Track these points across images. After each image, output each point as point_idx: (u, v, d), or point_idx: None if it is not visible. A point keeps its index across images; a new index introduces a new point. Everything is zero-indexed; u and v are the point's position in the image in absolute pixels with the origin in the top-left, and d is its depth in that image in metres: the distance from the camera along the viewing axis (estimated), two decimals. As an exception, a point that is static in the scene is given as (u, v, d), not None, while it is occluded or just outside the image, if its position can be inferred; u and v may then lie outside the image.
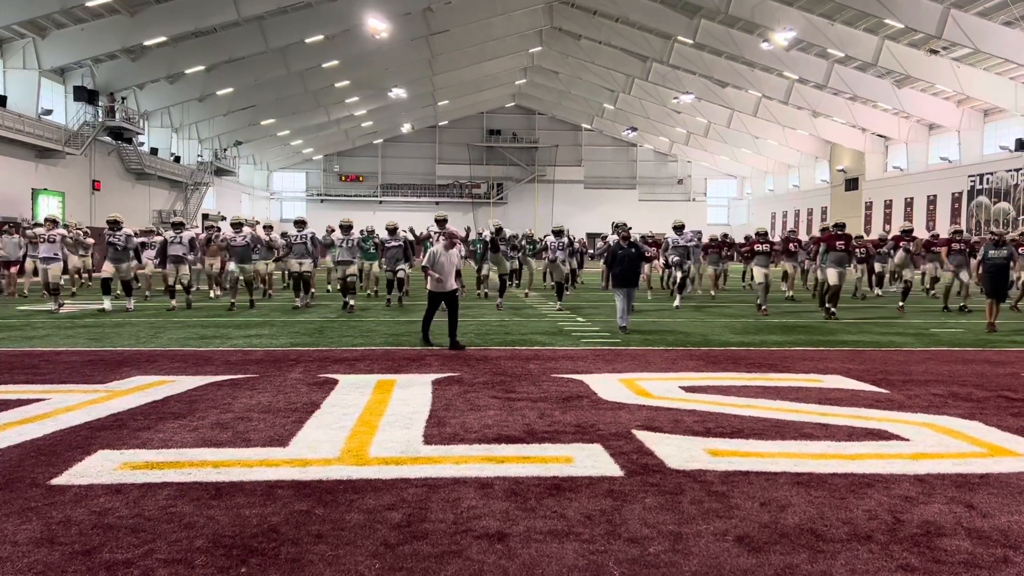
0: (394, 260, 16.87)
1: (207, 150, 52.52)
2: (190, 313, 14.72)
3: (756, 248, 16.16)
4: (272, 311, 15.28)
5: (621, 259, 12.08)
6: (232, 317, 14.04)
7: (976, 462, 4.96)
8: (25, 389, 7.16)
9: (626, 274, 12.07)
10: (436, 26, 42.12)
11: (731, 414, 6.28)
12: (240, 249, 15.88)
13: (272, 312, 15.09)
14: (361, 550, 3.47)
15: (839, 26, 36.14)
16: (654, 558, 3.41)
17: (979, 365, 9.09)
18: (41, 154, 33.42)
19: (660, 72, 49.02)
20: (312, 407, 6.42)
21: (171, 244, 15.86)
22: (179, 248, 15.85)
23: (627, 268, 12.07)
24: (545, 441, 5.39)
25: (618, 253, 12.12)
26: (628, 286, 12.13)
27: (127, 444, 5.22)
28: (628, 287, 12.13)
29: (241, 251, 15.90)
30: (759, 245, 16.16)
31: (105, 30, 33.19)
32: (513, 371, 8.37)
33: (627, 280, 12.09)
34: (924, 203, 45.91)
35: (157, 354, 9.57)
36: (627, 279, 12.10)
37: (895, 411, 6.46)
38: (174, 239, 15.90)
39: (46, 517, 3.83)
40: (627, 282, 12.10)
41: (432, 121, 69.42)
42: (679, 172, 74.58)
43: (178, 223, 16.52)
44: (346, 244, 16.22)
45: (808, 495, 4.26)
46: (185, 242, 15.97)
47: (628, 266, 12.07)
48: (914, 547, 3.56)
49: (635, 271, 12.23)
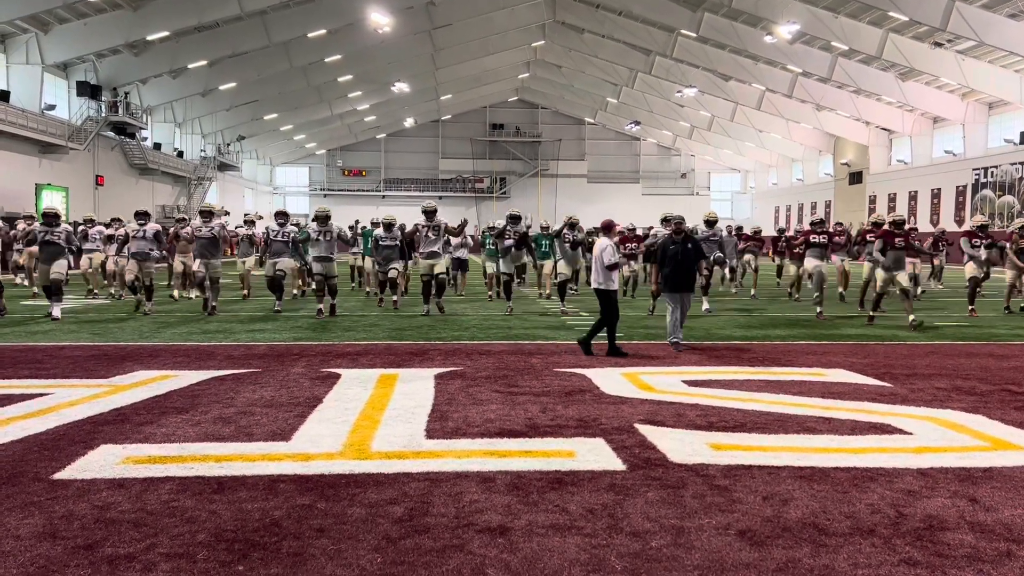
0: (388, 259, 14.51)
1: (210, 145, 52.61)
2: (192, 306, 14.65)
3: (812, 239, 14.19)
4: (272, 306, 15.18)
5: (673, 257, 10.00)
6: (235, 312, 14.04)
7: (979, 456, 4.95)
8: (28, 384, 7.17)
9: (679, 276, 9.97)
10: (439, 20, 42.09)
11: (734, 408, 6.27)
12: (204, 242, 13.56)
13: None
14: (363, 544, 3.47)
15: (843, 19, 36.03)
16: (656, 552, 3.41)
17: (983, 359, 9.06)
18: (44, 149, 33.47)
19: (663, 66, 48.93)
20: (315, 401, 6.42)
21: (134, 238, 13.77)
22: (143, 243, 13.71)
23: (681, 269, 9.97)
24: (547, 435, 5.39)
25: (669, 249, 10.06)
26: (682, 291, 9.97)
27: (130, 439, 5.23)
28: (682, 292, 9.98)
29: (205, 245, 13.56)
30: (815, 236, 14.22)
31: (108, 25, 33.24)
32: (516, 365, 8.37)
33: (680, 283, 9.96)
34: (928, 197, 45.80)
35: (160, 349, 9.58)
36: (681, 282, 9.97)
37: (898, 405, 6.44)
38: (137, 232, 13.76)
39: (49, 511, 3.84)
40: (680, 285, 9.95)
41: (435, 115, 69.42)
42: (682, 166, 74.52)
43: (142, 212, 14.19)
44: (324, 238, 13.49)
45: (811, 489, 4.26)
46: (150, 236, 13.80)
47: (682, 266, 9.99)
48: (917, 541, 3.55)
49: (691, 272, 10.05)
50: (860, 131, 51.31)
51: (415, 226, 13.68)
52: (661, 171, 74.30)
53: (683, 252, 9.96)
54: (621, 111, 65.11)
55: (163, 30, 34.70)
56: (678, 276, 9.95)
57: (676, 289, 9.97)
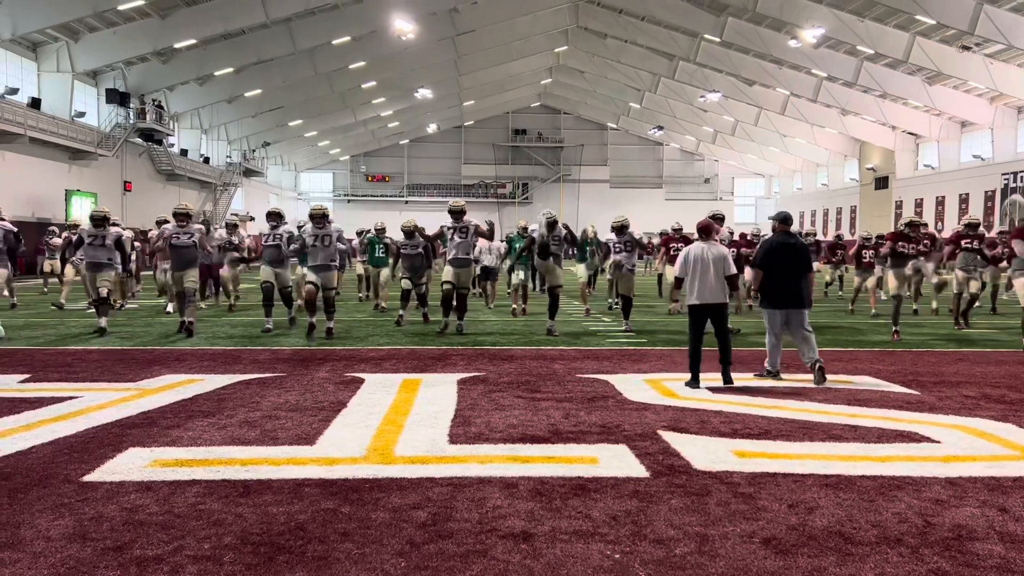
0: (415, 270, 13.15)
1: (236, 151, 53.15)
2: (217, 312, 14.76)
3: (898, 248, 11.71)
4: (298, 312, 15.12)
5: (776, 256, 7.78)
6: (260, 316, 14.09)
7: (1009, 465, 4.88)
8: (58, 387, 7.28)
9: (784, 286, 7.71)
10: (462, 26, 42.27)
11: (758, 415, 6.23)
12: (181, 251, 11.58)
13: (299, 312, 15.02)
14: (387, 549, 3.49)
15: (869, 23, 35.71)
16: (680, 559, 3.39)
17: (1012, 366, 8.93)
18: (74, 155, 33.99)
19: (687, 70, 48.77)
20: (339, 406, 6.47)
21: (89, 245, 11.62)
22: (100, 251, 11.58)
23: (786, 276, 7.72)
24: (570, 441, 5.38)
25: (775, 252, 7.83)
26: (788, 306, 7.74)
27: (157, 442, 5.29)
28: (788, 308, 7.75)
29: (182, 254, 11.59)
30: (903, 244, 11.76)
31: (136, 33, 33.76)
32: (538, 371, 8.37)
33: (786, 297, 7.72)
34: (956, 202, 45.19)
35: (186, 353, 9.69)
36: (786, 295, 7.72)
37: (926, 413, 6.36)
38: (94, 238, 11.58)
39: (78, 513, 3.90)
40: (786, 300, 7.72)
41: (458, 121, 69.65)
42: (706, 171, 74.15)
43: (99, 216, 11.71)
44: (322, 243, 11.30)
45: (837, 497, 4.22)
46: (110, 243, 11.62)
47: (788, 273, 7.72)
48: (945, 551, 3.51)
49: (800, 280, 7.76)
50: (886, 136, 50.77)
51: (440, 228, 12.02)
52: (684, 176, 73.97)
53: (790, 252, 7.79)
54: (644, 116, 64.94)
55: (190, 38, 35.17)
56: (782, 287, 7.74)
57: (779, 304, 7.77)
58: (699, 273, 7.43)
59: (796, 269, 7.73)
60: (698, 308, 7.46)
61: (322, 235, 11.30)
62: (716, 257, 7.45)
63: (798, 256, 7.77)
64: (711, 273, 7.40)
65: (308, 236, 11.33)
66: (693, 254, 7.52)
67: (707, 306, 7.44)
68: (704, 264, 7.42)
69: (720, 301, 7.44)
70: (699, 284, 7.43)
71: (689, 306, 7.57)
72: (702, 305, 7.43)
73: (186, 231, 11.60)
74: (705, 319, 7.48)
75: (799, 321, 7.76)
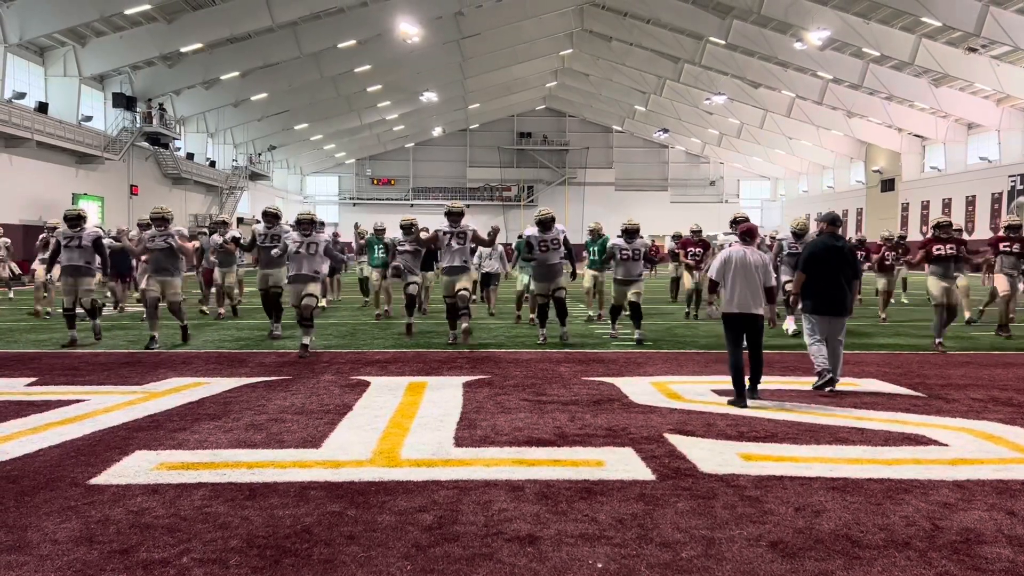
0: (409, 270, 12.27)
1: (242, 155, 53.28)
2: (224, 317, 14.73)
3: (934, 251, 10.60)
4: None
5: (821, 259, 7.36)
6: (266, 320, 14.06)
7: (1017, 468, 4.86)
8: (65, 390, 7.30)
9: (829, 292, 7.31)
10: (467, 30, 42.31)
11: (764, 418, 6.22)
12: (158, 255, 10.65)
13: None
14: (393, 551, 3.48)
15: (874, 25, 35.63)
16: (686, 563, 3.38)
17: (1020, 369, 8.89)
18: (81, 159, 34.11)
19: (692, 73, 48.72)
20: (344, 409, 6.47)
21: (65, 247, 10.66)
22: (76, 254, 10.58)
23: (831, 281, 7.31)
24: (576, 444, 5.38)
25: (820, 255, 7.38)
26: (832, 313, 7.32)
27: (163, 445, 5.31)
28: (833, 315, 7.33)
29: (159, 259, 10.65)
30: (938, 247, 10.58)
31: (143, 38, 33.87)
32: (543, 374, 8.36)
33: (831, 303, 7.30)
34: (963, 204, 45.04)
35: (192, 356, 9.70)
36: (831, 301, 7.31)
37: (933, 416, 6.34)
38: (69, 240, 10.62)
39: (85, 516, 3.91)
40: (831, 306, 7.30)
41: (463, 124, 69.69)
42: (711, 174, 74.02)
43: (73, 215, 10.77)
44: (306, 249, 10.19)
45: (844, 500, 4.20)
46: (87, 244, 10.63)
47: (833, 278, 7.31)
48: (953, 555, 3.49)
49: (846, 286, 7.36)
50: (892, 138, 50.64)
51: (434, 233, 10.99)
52: (690, 179, 73.86)
53: (839, 260, 7.33)
54: (649, 119, 64.88)
55: (196, 42, 35.27)
56: (828, 292, 7.28)
57: (825, 311, 7.30)
58: (739, 279, 6.84)
59: (842, 274, 7.28)
60: (735, 317, 6.89)
61: (308, 243, 10.21)
62: (758, 264, 6.90)
63: (845, 260, 7.32)
64: (751, 280, 6.85)
65: (292, 242, 10.25)
66: (735, 258, 6.92)
67: (744, 316, 6.85)
68: (746, 270, 6.85)
69: (758, 312, 6.87)
70: (738, 291, 6.84)
71: (724, 315, 7.00)
72: (740, 314, 6.85)
73: (163, 234, 10.65)
74: (743, 330, 6.90)
75: (838, 329, 7.35)
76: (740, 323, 6.89)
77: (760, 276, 6.87)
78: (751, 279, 6.84)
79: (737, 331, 6.92)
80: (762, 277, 6.88)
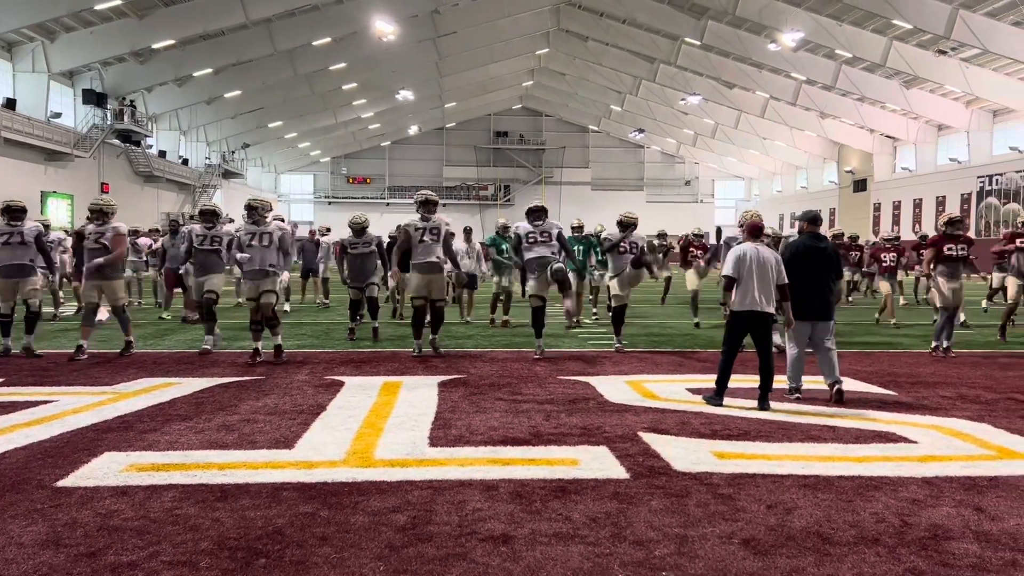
0: (364, 273, 11.41)
1: (215, 152, 52.77)
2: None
3: (946, 250, 10.10)
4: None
5: (803, 260, 7.06)
6: (241, 319, 13.93)
7: (985, 465, 4.93)
8: (33, 391, 7.18)
9: (812, 295, 6.98)
10: (443, 28, 42.21)
11: (738, 416, 6.26)
12: (93, 255, 9.39)
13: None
14: (366, 552, 3.46)
15: (847, 27, 36.05)
16: (659, 561, 3.39)
17: (988, 368, 9.03)
18: (50, 157, 33.60)
19: (667, 73, 48.99)
20: (318, 409, 6.42)
21: (4, 244, 9.44)
22: (18, 251, 9.48)
23: (814, 283, 7.00)
24: (551, 443, 5.38)
25: (800, 251, 7.12)
26: (816, 317, 7.00)
27: (133, 446, 5.23)
28: (815, 320, 7.02)
29: (94, 258, 9.38)
30: (950, 245, 10.10)
31: (114, 33, 33.41)
32: (519, 373, 8.36)
33: (814, 306, 6.99)
34: (933, 204, 45.70)
35: (164, 356, 9.59)
36: (814, 304, 6.98)
37: (903, 413, 6.42)
38: (8, 236, 9.46)
39: (52, 519, 3.84)
40: (814, 310, 6.99)
41: (439, 123, 69.55)
42: (686, 173, 74.51)
43: (15, 208, 9.59)
44: (259, 242, 9.37)
45: (815, 498, 4.24)
46: (29, 240, 9.53)
47: (816, 280, 7.01)
48: (922, 550, 3.54)
49: (828, 289, 7.08)
50: (864, 139, 51.27)
51: (404, 230, 9.76)
52: (665, 178, 74.28)
53: (821, 261, 7.06)
54: (625, 119, 65.16)
55: (168, 38, 34.84)
56: (811, 294, 6.98)
57: (806, 315, 6.99)
58: (754, 277, 6.60)
59: (825, 275, 7.01)
60: (744, 316, 6.66)
61: (259, 232, 9.37)
62: (771, 261, 6.69)
63: (828, 261, 7.04)
64: (765, 278, 6.62)
65: (244, 234, 9.43)
66: (749, 255, 6.66)
67: (755, 314, 6.63)
68: (761, 266, 6.61)
69: (769, 311, 6.66)
70: (751, 289, 6.61)
71: (734, 313, 6.73)
72: (750, 312, 6.63)
73: (100, 231, 9.40)
74: (748, 330, 6.71)
75: (824, 334, 7.02)
76: (748, 322, 6.68)
77: (775, 273, 6.68)
78: (765, 277, 6.63)
79: (743, 331, 6.74)
80: (776, 274, 6.69)
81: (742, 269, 6.66)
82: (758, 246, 6.80)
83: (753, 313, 6.63)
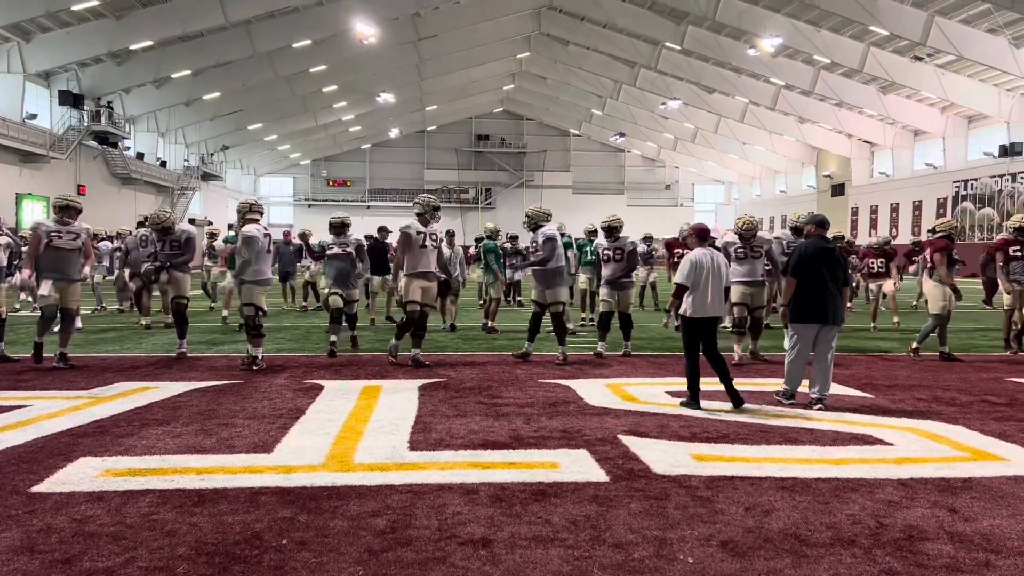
0: (344, 276, 10.52)
1: (194, 155, 52.38)
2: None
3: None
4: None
5: (812, 264, 6.83)
6: (215, 323, 13.88)
7: (959, 466, 4.99)
8: (7, 396, 7.09)
9: (820, 298, 6.77)
10: (424, 31, 42.18)
11: (717, 419, 6.30)
12: (64, 255, 8.86)
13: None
14: (345, 557, 3.45)
15: (825, 33, 36.42)
16: (639, 563, 3.41)
17: (962, 370, 9.15)
18: (25, 159, 33.21)
19: (648, 78, 49.25)
20: (297, 413, 6.39)
21: None
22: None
23: (822, 287, 6.78)
24: (531, 447, 5.39)
25: (809, 254, 6.86)
26: (823, 322, 6.81)
27: (109, 451, 5.18)
28: (825, 324, 6.82)
29: (64, 259, 8.86)
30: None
31: (91, 34, 33.08)
32: (500, 376, 8.36)
33: (822, 310, 6.78)
34: (910, 209, 46.25)
35: (141, 360, 9.50)
36: (822, 308, 6.77)
37: (880, 416, 6.49)
38: None
39: (26, 525, 3.79)
40: (822, 314, 6.78)
41: (420, 126, 69.48)
42: (667, 178, 74.95)
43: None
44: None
45: (792, 500, 4.28)
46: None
47: (824, 283, 6.78)
48: (897, 551, 3.57)
49: (838, 292, 6.83)
50: (842, 143, 51.81)
51: (404, 234, 9.12)
52: (646, 182, 74.67)
53: (830, 264, 6.82)
54: (606, 123, 65.42)
55: (147, 39, 34.55)
56: (819, 298, 6.77)
57: (813, 318, 6.81)
58: (710, 283, 6.68)
59: (833, 278, 6.81)
60: (699, 322, 6.73)
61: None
62: (722, 264, 6.83)
63: (837, 264, 6.85)
64: (718, 283, 6.72)
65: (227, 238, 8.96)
66: (703, 262, 6.72)
67: (708, 320, 6.74)
68: (714, 273, 6.71)
69: (722, 313, 6.88)
70: (709, 295, 6.69)
71: (688, 319, 6.76)
72: (704, 319, 6.73)
73: (70, 230, 8.88)
74: (702, 334, 6.79)
75: (828, 340, 6.85)
76: (704, 327, 6.78)
77: (725, 277, 6.83)
78: (719, 282, 6.74)
79: (699, 336, 6.80)
80: (725, 277, 6.86)
81: (700, 276, 6.71)
82: (710, 251, 6.86)
83: (708, 319, 6.76)
